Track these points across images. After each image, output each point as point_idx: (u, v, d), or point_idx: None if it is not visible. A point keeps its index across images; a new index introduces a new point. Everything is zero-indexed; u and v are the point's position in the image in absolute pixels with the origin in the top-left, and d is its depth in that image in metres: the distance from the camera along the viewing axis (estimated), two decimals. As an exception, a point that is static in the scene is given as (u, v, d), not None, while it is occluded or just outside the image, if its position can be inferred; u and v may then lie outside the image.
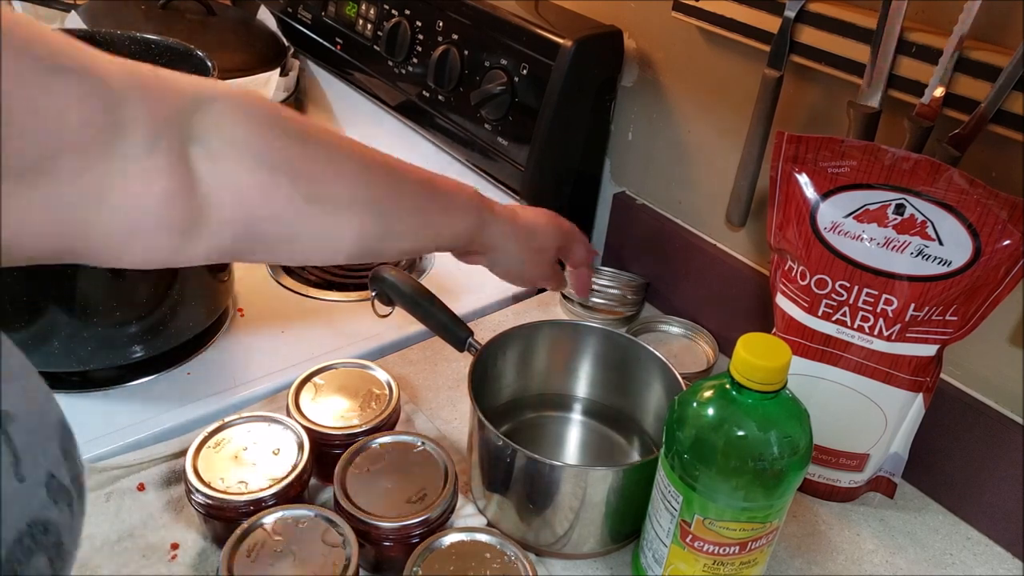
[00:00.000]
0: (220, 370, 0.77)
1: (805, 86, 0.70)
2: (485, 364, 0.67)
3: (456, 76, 0.93)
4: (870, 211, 0.58)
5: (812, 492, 0.70)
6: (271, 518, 0.56)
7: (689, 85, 0.82)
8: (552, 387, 0.74)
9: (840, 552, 0.65)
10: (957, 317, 0.59)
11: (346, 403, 0.67)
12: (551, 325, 0.72)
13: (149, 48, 0.79)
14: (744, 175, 0.73)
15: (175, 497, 0.63)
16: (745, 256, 0.82)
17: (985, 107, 0.55)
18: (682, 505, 0.52)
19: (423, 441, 0.63)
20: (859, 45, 0.61)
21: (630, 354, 0.69)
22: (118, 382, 0.74)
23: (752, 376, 0.48)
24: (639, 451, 0.71)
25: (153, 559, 0.58)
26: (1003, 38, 0.57)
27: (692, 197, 0.85)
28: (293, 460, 0.60)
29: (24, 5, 1.32)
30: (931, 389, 0.63)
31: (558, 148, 0.87)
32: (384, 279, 0.72)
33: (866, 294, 0.60)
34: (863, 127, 0.62)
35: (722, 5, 0.70)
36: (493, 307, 0.91)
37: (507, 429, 0.71)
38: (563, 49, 0.81)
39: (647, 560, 0.58)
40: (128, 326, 0.70)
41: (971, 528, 0.68)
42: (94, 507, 0.62)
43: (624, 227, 0.93)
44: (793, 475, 0.50)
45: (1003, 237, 0.55)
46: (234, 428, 0.63)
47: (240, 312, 0.85)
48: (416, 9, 0.98)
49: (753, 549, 0.53)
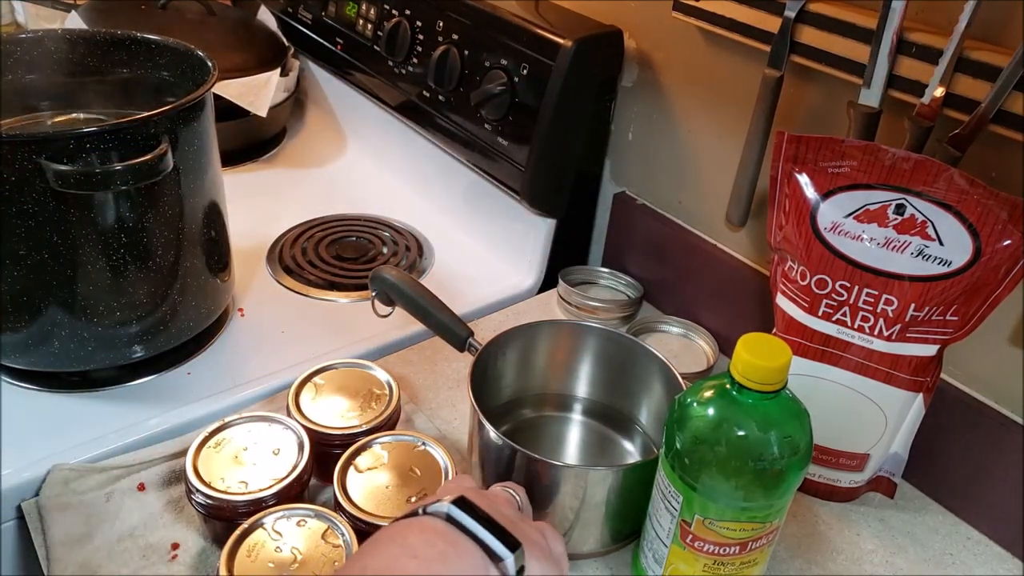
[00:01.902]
0: (220, 370, 0.77)
1: (805, 86, 0.70)
2: (485, 364, 0.67)
3: (456, 76, 0.93)
4: (870, 211, 0.58)
5: (812, 492, 0.70)
6: (271, 518, 0.56)
7: (689, 85, 0.82)
8: (552, 387, 0.74)
9: (840, 552, 0.65)
10: (957, 317, 0.59)
11: (346, 403, 0.67)
12: (551, 325, 0.72)
13: (149, 48, 0.79)
14: (744, 175, 0.73)
15: (175, 497, 0.63)
16: (745, 256, 0.82)
17: (985, 107, 0.55)
18: (682, 505, 0.52)
19: (423, 441, 0.63)
20: (859, 45, 0.61)
21: (630, 354, 0.69)
22: (118, 382, 0.74)
23: (752, 376, 0.48)
24: (639, 451, 0.71)
25: (153, 559, 0.58)
26: (1003, 38, 0.57)
27: (692, 197, 0.85)
28: (293, 460, 0.60)
29: (24, 5, 1.32)
30: (931, 389, 0.63)
31: (558, 148, 0.87)
32: (384, 279, 0.72)
33: (866, 294, 0.60)
34: (863, 127, 0.62)
35: (722, 5, 0.70)
36: (493, 307, 0.91)
37: (507, 429, 0.71)
38: (563, 49, 0.81)
39: (647, 560, 0.58)
40: (128, 326, 0.70)
41: (971, 528, 0.67)
42: (94, 507, 0.62)
43: (624, 227, 0.93)
44: (793, 475, 0.50)
45: (1003, 237, 0.55)
46: (234, 428, 0.63)
47: (240, 312, 0.85)
48: (416, 9, 0.98)
49: (753, 549, 0.53)
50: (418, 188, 1.12)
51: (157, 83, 0.80)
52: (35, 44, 0.77)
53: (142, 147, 0.63)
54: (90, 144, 0.61)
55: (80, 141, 0.60)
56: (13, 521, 0.65)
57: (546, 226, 0.92)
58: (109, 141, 0.62)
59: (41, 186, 0.61)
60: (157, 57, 0.80)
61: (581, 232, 0.98)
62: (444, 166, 1.04)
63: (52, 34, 0.78)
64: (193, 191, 0.70)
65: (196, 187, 0.71)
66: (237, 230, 0.82)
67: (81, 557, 0.58)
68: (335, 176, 1.18)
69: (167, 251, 0.70)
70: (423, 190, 1.11)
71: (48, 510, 0.61)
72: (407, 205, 1.09)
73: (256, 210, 1.04)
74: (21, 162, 0.59)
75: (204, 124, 0.70)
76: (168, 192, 0.68)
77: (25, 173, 0.60)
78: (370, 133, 1.20)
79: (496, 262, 0.99)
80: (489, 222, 1.00)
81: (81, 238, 0.64)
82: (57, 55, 0.78)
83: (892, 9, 0.58)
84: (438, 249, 1.01)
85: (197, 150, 0.69)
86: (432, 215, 1.07)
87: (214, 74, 0.71)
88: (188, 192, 0.70)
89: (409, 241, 1.01)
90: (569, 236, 0.95)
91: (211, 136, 0.72)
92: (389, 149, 1.17)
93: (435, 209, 1.08)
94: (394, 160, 1.16)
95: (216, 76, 0.71)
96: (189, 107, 0.66)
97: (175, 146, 0.66)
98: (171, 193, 0.68)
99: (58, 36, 0.78)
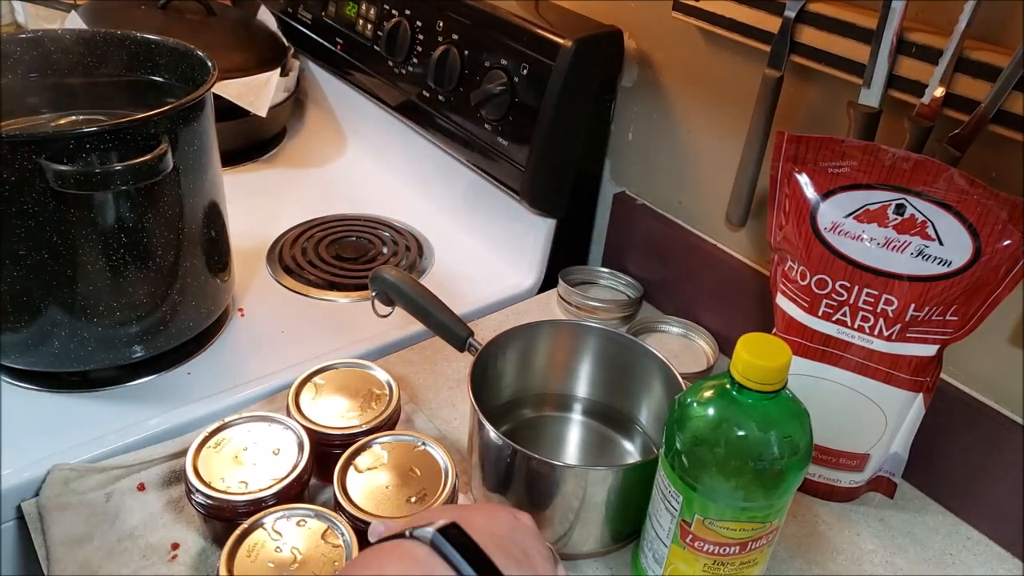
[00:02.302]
0: (220, 370, 0.77)
1: (805, 86, 0.70)
2: (485, 364, 0.67)
3: (456, 76, 0.93)
4: (870, 211, 0.58)
5: (812, 492, 0.70)
6: (271, 518, 0.56)
7: (689, 85, 0.82)
8: (552, 387, 0.74)
9: (840, 552, 0.65)
10: (957, 317, 0.59)
11: (346, 403, 0.67)
12: (551, 325, 0.72)
13: (149, 48, 0.79)
14: (744, 175, 0.73)
15: (175, 497, 0.63)
16: (745, 256, 0.82)
17: (985, 107, 0.55)
18: (682, 505, 0.52)
19: (423, 441, 0.63)
20: (859, 45, 0.61)
21: (630, 354, 0.69)
22: (118, 382, 0.74)
23: (752, 376, 0.48)
24: (639, 451, 0.71)
25: (153, 559, 0.58)
26: (1003, 38, 0.57)
27: (692, 197, 0.85)
28: (293, 460, 0.60)
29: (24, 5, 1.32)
30: (931, 389, 0.63)
31: (558, 148, 0.87)
32: (384, 279, 0.72)
33: (866, 294, 0.60)
34: (863, 127, 0.62)
35: (722, 5, 0.70)
36: (493, 307, 0.91)
37: (507, 429, 0.71)
38: (563, 49, 0.81)
39: (647, 560, 0.58)
40: (128, 326, 0.70)
41: (971, 528, 0.67)
42: (94, 507, 0.62)
43: (624, 227, 0.93)
44: (793, 475, 0.50)
45: (1003, 237, 0.55)
46: (234, 428, 0.63)
47: (240, 312, 0.85)
48: (416, 9, 0.98)
49: (753, 549, 0.53)
50: (418, 188, 1.12)
51: (157, 83, 0.80)
52: (35, 44, 0.77)
53: (142, 147, 0.63)
54: (90, 144, 0.61)
55: (80, 141, 0.60)
56: (13, 521, 0.65)
57: (546, 226, 0.92)
58: (109, 141, 0.62)
59: (41, 186, 0.61)
60: (157, 57, 0.80)
61: (581, 232, 0.98)
62: (444, 166, 1.04)
63: (52, 34, 0.78)
64: (193, 191, 0.70)
65: (196, 187, 0.71)
66: (237, 230, 0.82)
67: (81, 557, 0.58)
68: (335, 176, 1.18)
69: (167, 251, 0.70)
70: (423, 190, 1.11)
71: (48, 510, 0.61)
72: (407, 205, 1.09)
73: (256, 210, 1.04)
74: (21, 162, 0.59)
75: (204, 124, 0.70)
76: (168, 192, 0.68)
77: (25, 173, 0.60)
78: (370, 133, 1.20)
79: (496, 262, 0.99)
80: (489, 222, 1.00)
81: (81, 238, 0.64)
82: (57, 55, 0.78)
83: (892, 9, 0.58)
84: (438, 249, 1.01)
85: (197, 150, 0.69)
86: (432, 215, 1.07)
87: (214, 74, 0.71)
88: (188, 192, 0.70)
89: (409, 241, 1.01)
90: (569, 236, 0.96)
91: (211, 136, 0.72)
92: (389, 149, 1.17)
93: (435, 209, 1.08)
94: (394, 160, 1.16)
95: (216, 76, 0.71)
96: (189, 107, 0.66)
97: (175, 146, 0.66)
98: (171, 193, 0.68)
99: (58, 36, 0.78)
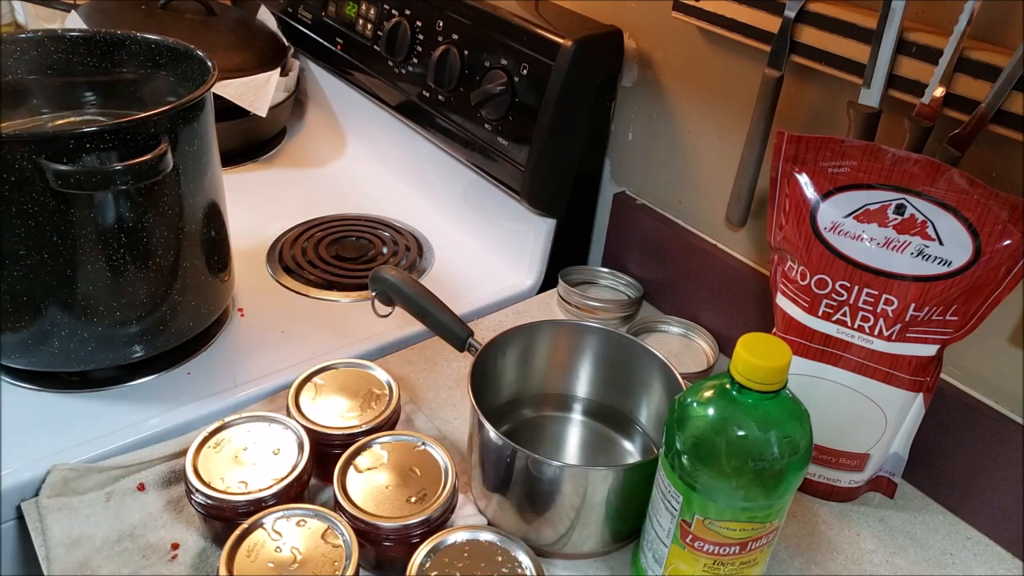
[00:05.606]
0: (220, 370, 0.77)
1: (805, 86, 0.70)
2: (485, 364, 0.67)
3: (456, 76, 0.93)
4: (870, 211, 0.58)
5: (812, 492, 0.70)
6: (271, 518, 0.56)
7: (689, 85, 0.82)
8: (552, 387, 0.74)
9: (840, 552, 0.65)
10: (957, 317, 0.59)
11: (346, 403, 0.67)
12: (551, 325, 0.72)
13: (149, 48, 0.79)
14: (744, 175, 0.73)
15: (175, 497, 0.63)
16: (745, 256, 0.82)
17: (985, 107, 0.55)
18: (682, 505, 0.52)
19: (423, 441, 0.63)
20: (859, 45, 0.61)
21: (630, 354, 0.69)
22: (118, 382, 0.74)
23: (752, 376, 0.48)
24: (639, 451, 0.71)
25: (153, 559, 0.58)
26: (1003, 38, 0.57)
27: (692, 197, 0.85)
28: (293, 460, 0.60)
29: (24, 5, 1.32)
30: (931, 389, 0.63)
31: (558, 148, 0.87)
32: (384, 279, 0.72)
33: (866, 294, 0.60)
34: (863, 127, 0.62)
35: (722, 5, 0.70)
36: (493, 307, 0.91)
37: (507, 429, 0.71)
38: (563, 49, 0.81)
39: (647, 560, 0.58)
40: (128, 326, 0.70)
41: (971, 528, 0.67)
42: (94, 507, 0.62)
43: (624, 227, 0.93)
44: (793, 475, 0.50)
45: (1003, 237, 0.55)
46: (234, 428, 0.63)
47: (240, 312, 0.85)
48: (416, 9, 0.98)
49: (753, 549, 0.53)
50: (418, 188, 1.12)
51: (157, 83, 0.80)
52: (35, 44, 0.77)
53: (142, 147, 0.63)
54: (90, 144, 0.61)
55: (80, 141, 0.60)
56: (13, 521, 0.65)
57: (546, 226, 0.92)
58: (109, 141, 0.62)
59: (41, 186, 0.61)
60: (157, 57, 0.80)
61: (581, 232, 0.98)
62: (444, 166, 1.04)
63: (52, 34, 0.78)
64: (193, 191, 0.70)
65: (196, 187, 0.71)
66: (237, 230, 0.82)
67: (81, 557, 0.58)
68: (335, 176, 1.18)
69: (167, 251, 0.70)
70: (423, 190, 1.11)
71: (48, 510, 0.61)
72: (407, 205, 1.10)
73: (256, 210, 1.04)
74: (21, 162, 0.59)
75: (204, 124, 0.70)
76: (168, 192, 0.68)
77: (25, 173, 0.60)
78: (370, 133, 1.20)
79: (496, 262, 0.99)
80: (489, 222, 1.00)
81: (81, 238, 0.64)
82: (57, 55, 0.78)
83: (892, 9, 0.58)
84: (438, 249, 1.01)
85: (197, 150, 0.69)
86: (432, 215, 1.07)
87: (214, 74, 0.71)
88: (188, 192, 0.70)
89: (409, 241, 1.01)
90: (569, 236, 0.96)
91: (211, 136, 0.72)
92: (389, 149, 1.17)
93: (435, 209, 1.08)
94: (394, 160, 1.16)
95: (216, 76, 0.71)
96: (189, 107, 0.66)
97: (175, 146, 0.66)
98: (171, 193, 0.68)
99: (58, 36, 0.78)
